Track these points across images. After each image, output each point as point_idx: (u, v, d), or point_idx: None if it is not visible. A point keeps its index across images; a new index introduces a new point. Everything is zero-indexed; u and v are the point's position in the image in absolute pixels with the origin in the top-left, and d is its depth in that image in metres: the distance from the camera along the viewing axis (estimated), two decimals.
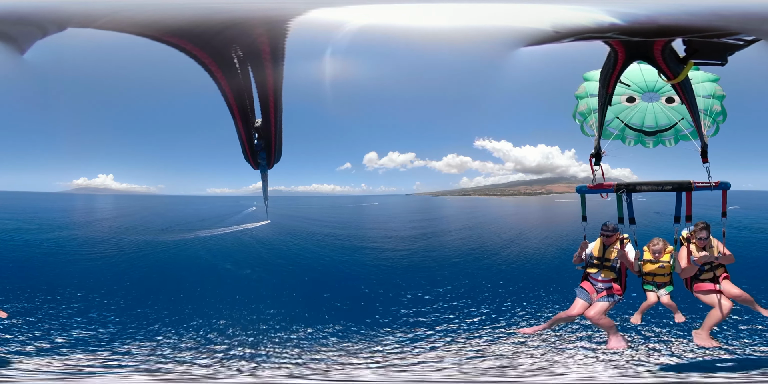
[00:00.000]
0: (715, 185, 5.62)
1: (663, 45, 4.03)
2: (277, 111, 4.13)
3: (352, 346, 7.82)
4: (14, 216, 29.43)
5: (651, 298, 6.18)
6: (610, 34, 4.02)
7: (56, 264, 14.79)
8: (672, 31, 3.91)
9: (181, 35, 3.47)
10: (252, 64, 3.75)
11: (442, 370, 6.98)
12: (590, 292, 6.18)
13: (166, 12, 3.56)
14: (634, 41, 4.05)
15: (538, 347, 7.72)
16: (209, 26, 3.53)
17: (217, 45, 3.58)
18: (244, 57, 3.68)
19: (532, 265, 15.23)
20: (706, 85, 6.22)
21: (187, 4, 3.65)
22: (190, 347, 7.73)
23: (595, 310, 5.98)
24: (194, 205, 51.40)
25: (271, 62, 3.73)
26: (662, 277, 6.14)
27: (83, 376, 6.29)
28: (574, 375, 6.97)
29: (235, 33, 3.57)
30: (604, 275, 6.14)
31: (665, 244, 6.12)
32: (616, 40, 4.15)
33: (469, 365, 7.21)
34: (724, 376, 6.61)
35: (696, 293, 5.99)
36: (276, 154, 4.70)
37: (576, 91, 6.64)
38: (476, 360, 7.46)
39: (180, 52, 3.53)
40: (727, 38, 4.06)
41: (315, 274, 14.37)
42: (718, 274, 5.93)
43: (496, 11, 4.48)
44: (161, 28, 3.45)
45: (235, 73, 3.74)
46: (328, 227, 28.44)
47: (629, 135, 6.57)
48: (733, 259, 5.87)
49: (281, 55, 3.71)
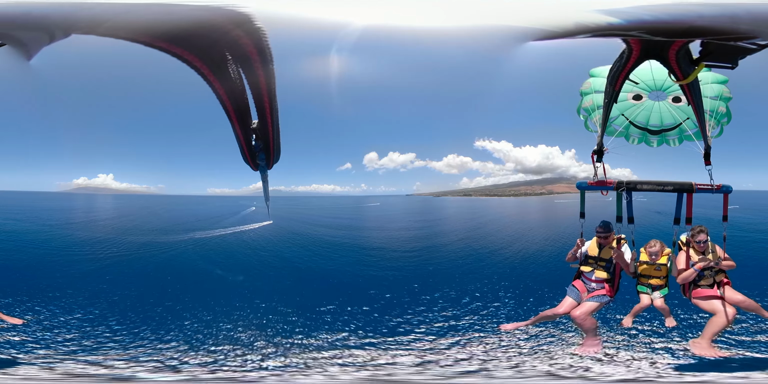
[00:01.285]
0: (717, 188, 5.59)
1: (680, 46, 4.02)
2: (272, 111, 4.12)
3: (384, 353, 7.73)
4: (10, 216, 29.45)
5: (644, 300, 6.04)
6: (635, 32, 4.00)
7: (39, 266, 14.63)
8: (696, 32, 3.92)
9: (171, 40, 3.48)
10: (242, 66, 3.75)
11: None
12: (581, 291, 6.09)
13: (156, 17, 3.58)
14: (653, 40, 4.03)
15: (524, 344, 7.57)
16: (196, 30, 3.55)
17: (206, 48, 3.58)
18: (232, 59, 3.68)
19: (538, 266, 15.11)
20: (714, 86, 6.16)
21: (174, 8, 3.68)
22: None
23: (582, 310, 5.86)
24: (194, 206, 51.39)
25: (260, 63, 3.73)
26: (658, 279, 6.00)
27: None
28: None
29: (219, 36, 3.57)
30: (598, 275, 6.05)
31: (663, 247, 5.99)
32: (635, 39, 4.12)
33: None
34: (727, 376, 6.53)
35: (694, 300, 5.73)
36: (274, 154, 4.70)
37: (581, 87, 6.57)
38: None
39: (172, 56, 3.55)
40: (744, 42, 4.01)
41: (330, 279, 14.09)
42: (718, 279, 5.71)
43: (506, 6, 4.44)
44: (152, 34, 3.45)
45: (227, 75, 3.74)
46: (332, 227, 28.35)
47: (633, 133, 6.49)
48: (734, 265, 5.68)
49: (269, 55, 3.70)
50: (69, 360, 6.87)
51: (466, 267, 15.03)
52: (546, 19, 4.25)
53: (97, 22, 3.66)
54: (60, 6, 3.73)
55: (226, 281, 13.50)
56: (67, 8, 3.73)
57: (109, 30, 3.59)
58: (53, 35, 3.96)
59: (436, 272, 14.36)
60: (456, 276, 13.38)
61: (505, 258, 16.74)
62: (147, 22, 3.52)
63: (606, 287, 6.00)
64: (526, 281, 12.15)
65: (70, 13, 3.70)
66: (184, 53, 3.53)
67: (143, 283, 13.06)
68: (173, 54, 3.52)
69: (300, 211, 44.10)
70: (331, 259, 17.37)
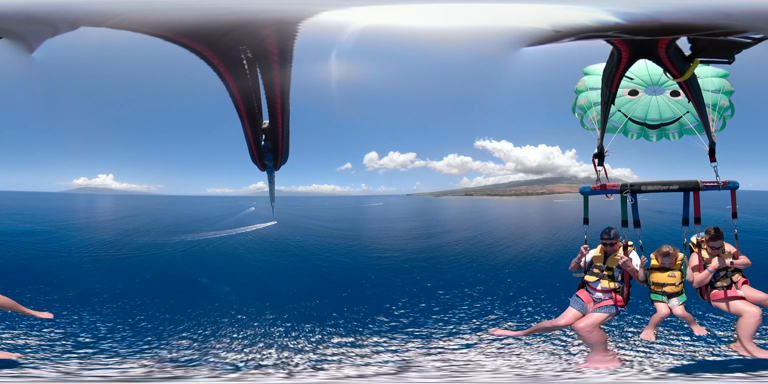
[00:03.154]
0: (723, 185, 5.47)
1: (667, 43, 3.96)
2: (284, 113, 4.12)
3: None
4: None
5: (662, 309, 5.58)
6: (611, 32, 3.98)
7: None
8: (674, 29, 3.84)
9: (191, 36, 3.47)
10: (260, 66, 3.75)
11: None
12: (586, 302, 5.70)
13: (177, 12, 3.58)
14: (638, 40, 3.98)
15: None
16: (218, 27, 3.54)
17: (225, 46, 3.57)
18: (252, 58, 3.68)
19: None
20: (715, 79, 6.07)
21: (197, 4, 3.67)
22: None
23: (587, 322, 5.46)
24: (195, 206, 51.26)
25: (279, 64, 3.72)
26: (673, 286, 5.59)
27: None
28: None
29: (243, 34, 3.56)
30: (604, 284, 5.66)
31: (675, 251, 5.63)
32: (619, 39, 4.07)
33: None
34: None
35: (714, 302, 5.46)
36: (283, 155, 4.70)
37: (576, 85, 6.53)
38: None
39: (190, 52, 3.55)
40: (735, 36, 3.95)
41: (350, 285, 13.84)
42: (735, 279, 5.47)
43: (498, 11, 4.46)
44: (172, 29, 3.47)
45: (243, 74, 3.74)
46: (336, 228, 28.27)
47: (632, 128, 6.41)
48: (749, 263, 5.48)
49: (289, 56, 3.70)
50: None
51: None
52: (533, 23, 4.27)
53: (111, 15, 3.64)
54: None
55: (215, 289, 13.23)
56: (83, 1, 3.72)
57: (129, 24, 3.57)
58: (57, 28, 3.91)
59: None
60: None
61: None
62: (171, 17, 3.53)
63: (616, 297, 5.62)
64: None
65: (83, 4, 3.71)
66: (204, 50, 3.53)
67: (169, 281, 13.02)
68: (193, 50, 3.51)
69: (302, 212, 44.06)
70: (345, 261, 17.23)
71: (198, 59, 3.60)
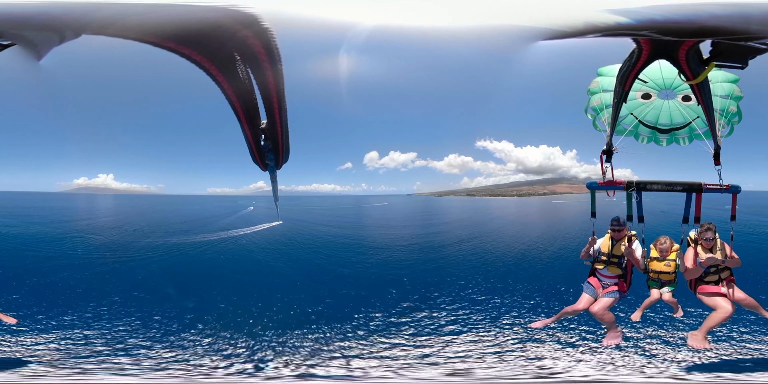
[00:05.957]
0: (726, 188, 5.64)
1: (690, 45, 4.02)
2: (281, 111, 4.10)
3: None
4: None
5: (654, 295, 6.28)
6: (645, 31, 3.98)
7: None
8: (707, 32, 3.90)
9: (176, 40, 3.45)
10: (251, 66, 3.73)
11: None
12: (596, 288, 6.28)
13: (165, 18, 3.55)
14: (663, 40, 4.02)
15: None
16: (196, 29, 3.52)
17: (212, 48, 3.55)
18: (241, 59, 3.66)
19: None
20: (725, 85, 6.14)
21: (182, 9, 3.64)
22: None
23: (599, 306, 6.06)
24: (195, 206, 51.22)
25: (268, 63, 3.71)
26: (667, 275, 6.19)
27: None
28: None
29: (224, 35, 3.54)
30: (611, 271, 6.21)
31: (672, 243, 6.16)
32: (645, 38, 4.11)
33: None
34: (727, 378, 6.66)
35: (699, 295, 5.92)
36: (284, 154, 4.68)
37: (589, 86, 6.56)
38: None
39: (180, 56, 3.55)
40: (754, 42, 4.00)
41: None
42: (723, 276, 5.86)
43: (515, 6, 4.42)
44: (156, 33, 3.43)
45: (235, 75, 3.72)
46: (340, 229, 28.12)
47: (643, 132, 6.48)
48: (739, 263, 5.78)
49: (277, 55, 3.68)
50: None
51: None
52: (555, 19, 4.24)
53: (107, 23, 3.64)
54: (71, 6, 3.73)
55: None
56: (79, 9, 3.72)
57: (118, 31, 3.56)
58: (64, 36, 3.95)
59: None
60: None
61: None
62: (155, 22, 3.50)
63: (620, 283, 6.20)
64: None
65: (82, 13, 3.70)
66: (192, 54, 3.51)
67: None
68: (182, 54, 3.50)
69: (306, 212, 43.95)
70: (359, 262, 17.06)
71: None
